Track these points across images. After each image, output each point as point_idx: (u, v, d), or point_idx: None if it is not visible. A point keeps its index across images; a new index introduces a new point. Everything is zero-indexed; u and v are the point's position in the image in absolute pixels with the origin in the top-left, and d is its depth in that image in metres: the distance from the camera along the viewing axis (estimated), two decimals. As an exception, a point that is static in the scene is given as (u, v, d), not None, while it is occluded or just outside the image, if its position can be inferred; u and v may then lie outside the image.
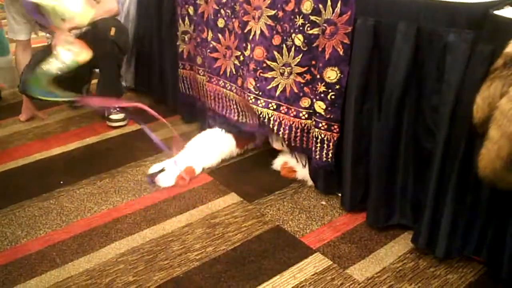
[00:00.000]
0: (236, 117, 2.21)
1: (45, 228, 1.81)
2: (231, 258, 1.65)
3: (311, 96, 1.85)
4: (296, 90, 1.89)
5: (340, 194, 1.92)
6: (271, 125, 1.98)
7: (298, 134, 1.94)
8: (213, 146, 2.22)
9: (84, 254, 1.68)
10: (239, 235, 1.75)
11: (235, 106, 2.22)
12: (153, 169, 2.14)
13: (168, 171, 2.10)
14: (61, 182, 2.09)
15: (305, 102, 1.88)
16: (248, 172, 2.16)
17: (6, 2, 2.49)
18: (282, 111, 1.95)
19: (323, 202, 1.92)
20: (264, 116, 1.99)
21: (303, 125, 1.91)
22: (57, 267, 1.62)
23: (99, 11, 2.46)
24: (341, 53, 1.71)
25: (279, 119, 1.96)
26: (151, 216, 1.87)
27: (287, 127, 1.95)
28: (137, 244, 1.72)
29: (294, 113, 1.92)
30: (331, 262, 1.62)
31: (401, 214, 1.74)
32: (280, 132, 1.97)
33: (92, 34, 2.50)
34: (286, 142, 2.00)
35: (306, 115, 1.89)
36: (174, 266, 1.61)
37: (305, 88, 1.87)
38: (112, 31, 2.43)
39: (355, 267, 1.61)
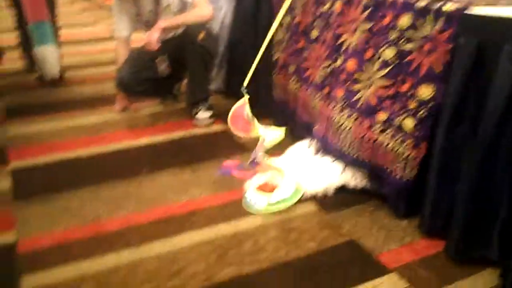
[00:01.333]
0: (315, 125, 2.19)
1: (125, 210, 1.88)
2: (302, 265, 1.60)
3: (390, 112, 1.79)
4: (373, 103, 1.83)
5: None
6: (346, 137, 1.95)
7: (369, 147, 1.87)
8: (321, 175, 2.03)
9: (158, 238, 1.71)
10: (312, 244, 1.70)
11: (317, 114, 2.20)
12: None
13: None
14: (145, 170, 2.17)
15: (382, 116, 1.82)
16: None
17: (116, 2, 2.66)
18: (357, 123, 1.91)
19: (405, 222, 1.83)
20: (344, 127, 1.96)
21: (375, 138, 1.85)
22: (132, 247, 1.67)
23: (190, 17, 2.57)
24: (438, 70, 1.63)
25: (352, 130, 1.93)
26: (228, 212, 1.87)
27: (357, 139, 1.91)
28: (210, 238, 1.73)
29: (367, 125, 1.87)
30: (408, 284, 1.52)
31: (487, 247, 1.61)
32: (349, 144, 1.94)
33: (182, 37, 2.61)
34: (354, 156, 1.94)
35: (381, 129, 1.83)
36: (245, 263, 1.60)
37: (384, 102, 1.81)
38: (201, 36, 2.52)
39: (434, 294, 1.50)
